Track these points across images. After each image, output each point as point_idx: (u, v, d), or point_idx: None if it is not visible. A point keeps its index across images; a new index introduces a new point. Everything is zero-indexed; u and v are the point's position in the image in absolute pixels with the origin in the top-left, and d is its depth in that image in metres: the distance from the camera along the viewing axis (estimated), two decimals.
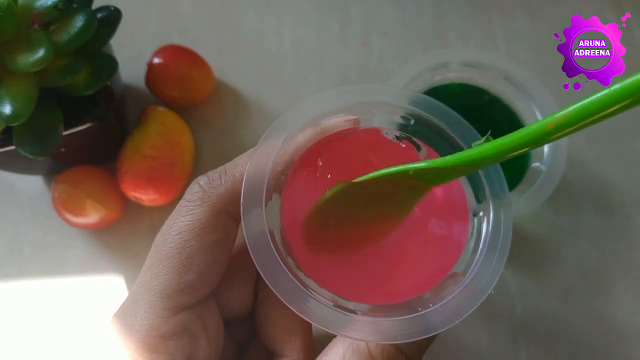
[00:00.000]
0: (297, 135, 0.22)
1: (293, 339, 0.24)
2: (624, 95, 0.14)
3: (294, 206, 0.22)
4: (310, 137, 0.22)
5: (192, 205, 0.21)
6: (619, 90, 0.14)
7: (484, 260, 0.20)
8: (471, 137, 0.21)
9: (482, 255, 0.20)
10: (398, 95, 0.22)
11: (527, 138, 0.17)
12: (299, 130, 0.22)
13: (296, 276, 0.19)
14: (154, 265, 0.21)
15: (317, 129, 0.22)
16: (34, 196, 0.39)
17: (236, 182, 0.22)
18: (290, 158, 0.22)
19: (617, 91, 0.14)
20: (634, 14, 0.44)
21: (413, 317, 0.19)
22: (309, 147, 0.22)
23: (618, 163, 0.39)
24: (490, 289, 0.19)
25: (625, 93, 0.14)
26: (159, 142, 0.36)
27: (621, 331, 0.35)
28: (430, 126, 0.22)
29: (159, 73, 0.39)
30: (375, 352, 0.20)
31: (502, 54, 0.43)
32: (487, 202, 0.21)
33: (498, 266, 0.20)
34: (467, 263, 0.21)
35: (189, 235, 0.21)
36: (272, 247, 0.19)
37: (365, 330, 0.19)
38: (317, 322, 0.18)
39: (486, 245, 0.20)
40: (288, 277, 0.19)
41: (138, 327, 0.20)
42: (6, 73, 0.29)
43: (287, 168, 0.22)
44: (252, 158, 0.21)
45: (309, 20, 0.44)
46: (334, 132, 0.23)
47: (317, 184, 0.22)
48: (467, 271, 0.20)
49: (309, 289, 0.19)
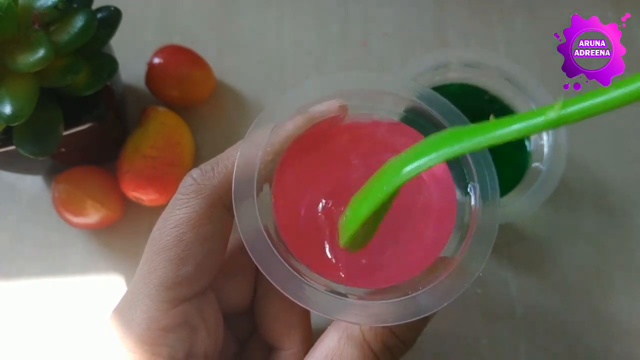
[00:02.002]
0: (286, 123, 0.22)
1: (292, 332, 0.24)
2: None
3: (285, 195, 0.22)
4: (299, 125, 0.22)
5: (187, 198, 0.21)
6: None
7: (472, 242, 0.20)
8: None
9: (470, 238, 0.20)
10: (392, 83, 0.22)
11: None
12: (288, 118, 0.22)
13: (290, 264, 0.19)
14: (152, 259, 0.21)
15: (307, 116, 0.22)
16: (34, 196, 0.39)
17: (229, 174, 0.22)
18: (280, 147, 0.22)
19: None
20: (634, 14, 0.44)
21: (404, 299, 0.19)
22: (299, 135, 0.22)
23: (618, 163, 0.39)
24: (479, 271, 0.20)
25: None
26: (159, 142, 0.36)
27: (621, 331, 0.35)
28: (424, 114, 0.22)
29: (159, 73, 0.39)
30: (369, 336, 0.20)
31: (502, 54, 0.43)
32: (474, 185, 0.21)
33: (486, 248, 0.20)
34: (456, 246, 0.21)
35: (185, 227, 0.21)
36: (266, 236, 0.19)
37: (358, 314, 0.19)
38: (311, 307, 0.19)
39: (475, 228, 0.21)
40: (283, 265, 0.19)
41: (138, 320, 0.20)
42: (6, 73, 0.29)
43: (277, 157, 0.22)
44: (241, 148, 0.21)
45: (309, 20, 0.44)
46: (323, 119, 0.23)
47: (307, 173, 0.22)
48: (456, 254, 0.21)
49: (302, 276, 0.19)
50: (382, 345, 0.20)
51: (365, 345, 0.20)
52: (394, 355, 0.21)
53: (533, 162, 0.34)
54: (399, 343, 0.21)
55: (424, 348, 0.35)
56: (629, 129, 0.40)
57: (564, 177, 0.32)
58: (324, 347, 0.21)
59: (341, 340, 0.20)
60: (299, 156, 0.22)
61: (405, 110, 0.23)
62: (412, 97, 0.22)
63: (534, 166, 0.34)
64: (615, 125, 0.40)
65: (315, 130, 0.22)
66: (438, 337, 0.35)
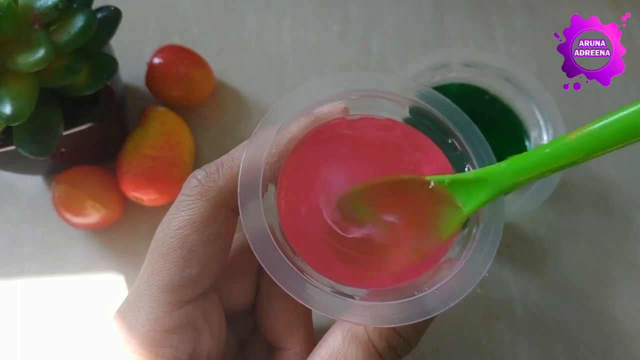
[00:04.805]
0: (291, 125, 0.22)
1: (294, 331, 0.24)
2: None
3: (290, 195, 0.22)
4: (304, 126, 0.22)
5: (191, 199, 0.21)
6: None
7: (478, 243, 0.20)
8: (470, 130, 0.22)
9: (476, 239, 0.20)
10: (394, 83, 0.22)
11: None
12: (293, 119, 0.22)
13: (295, 264, 0.19)
14: (156, 261, 0.21)
15: (311, 118, 0.22)
16: (34, 196, 0.39)
17: (233, 175, 0.22)
18: (285, 148, 0.22)
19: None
20: (634, 14, 0.44)
21: (410, 300, 0.19)
22: (303, 136, 0.22)
23: (618, 163, 0.39)
24: (485, 272, 0.20)
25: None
26: (159, 142, 0.36)
27: (621, 331, 0.35)
28: (426, 114, 0.22)
29: (159, 73, 0.39)
30: (373, 336, 0.20)
31: (502, 54, 0.43)
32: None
33: (492, 249, 0.20)
34: (462, 247, 0.21)
35: (190, 229, 0.21)
36: (271, 236, 0.19)
37: (363, 315, 0.19)
38: (316, 307, 0.19)
39: (480, 229, 0.21)
40: (287, 265, 0.19)
41: (142, 322, 0.20)
42: (6, 73, 0.29)
43: (282, 158, 0.22)
44: (246, 150, 0.21)
45: (309, 20, 0.44)
46: (327, 121, 0.23)
47: (312, 173, 0.22)
48: (461, 255, 0.21)
49: (307, 276, 0.19)
50: (386, 345, 0.20)
51: (370, 345, 0.20)
52: (399, 355, 0.21)
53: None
54: (404, 343, 0.21)
55: (424, 348, 0.35)
56: None
57: (564, 177, 0.32)
58: (328, 347, 0.21)
59: (345, 340, 0.20)
60: (304, 157, 0.22)
61: (408, 110, 0.23)
62: (414, 97, 0.22)
63: None
64: None
65: (319, 132, 0.23)
66: (438, 337, 0.35)
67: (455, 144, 0.22)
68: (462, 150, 0.22)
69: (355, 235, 0.22)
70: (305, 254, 0.21)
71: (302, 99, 0.22)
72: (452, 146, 0.22)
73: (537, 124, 0.34)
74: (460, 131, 0.22)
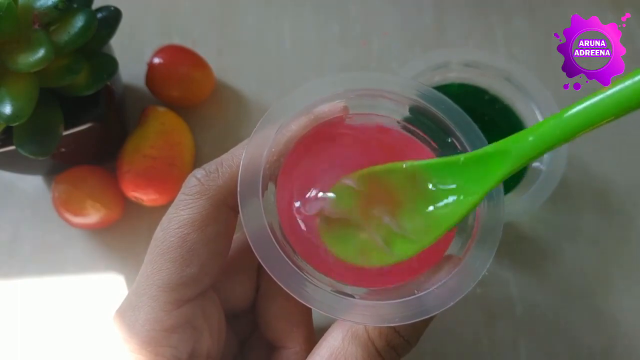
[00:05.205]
0: (291, 124, 0.22)
1: (294, 330, 0.24)
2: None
3: (289, 194, 0.22)
4: (304, 125, 0.22)
5: (191, 198, 0.21)
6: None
7: (477, 242, 0.20)
8: (470, 130, 0.22)
9: (476, 237, 0.20)
10: (394, 83, 0.22)
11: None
12: (293, 118, 0.22)
13: (295, 262, 0.19)
14: (155, 260, 0.21)
15: (311, 117, 0.22)
16: (34, 196, 0.39)
17: (233, 174, 0.22)
18: (285, 147, 0.22)
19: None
20: (634, 14, 0.44)
21: (410, 299, 0.19)
22: (303, 134, 0.22)
23: (618, 163, 0.39)
24: (485, 271, 0.20)
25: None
26: (159, 142, 0.36)
27: (621, 331, 0.35)
28: (428, 115, 0.22)
29: (159, 73, 0.39)
30: (373, 335, 0.20)
31: (502, 54, 0.43)
32: None
33: (491, 247, 0.20)
34: (461, 246, 0.21)
35: (190, 228, 0.21)
36: (271, 235, 0.19)
37: (363, 314, 0.19)
38: (316, 306, 0.19)
39: (480, 227, 0.21)
40: (287, 263, 0.19)
41: (142, 321, 0.20)
42: (6, 73, 0.29)
43: (281, 157, 0.22)
44: (246, 149, 0.21)
45: (309, 20, 0.44)
46: (327, 120, 0.23)
47: (312, 172, 0.22)
48: (461, 253, 0.21)
49: (307, 275, 0.19)
50: (386, 344, 0.20)
51: (370, 344, 0.20)
52: (398, 354, 0.21)
53: (533, 162, 0.34)
54: (404, 342, 0.21)
55: (424, 348, 0.35)
56: (629, 129, 0.40)
57: (564, 177, 0.32)
58: (328, 346, 0.21)
59: (345, 339, 0.20)
60: (304, 156, 0.22)
61: (408, 109, 0.23)
62: (414, 96, 0.22)
63: (534, 166, 0.34)
64: (615, 126, 0.40)
65: (319, 131, 0.23)
66: (438, 337, 0.35)
67: (455, 143, 0.22)
68: (462, 149, 0.22)
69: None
70: (305, 252, 0.21)
71: (302, 98, 0.22)
72: (452, 145, 0.22)
73: None
74: (461, 131, 0.22)
